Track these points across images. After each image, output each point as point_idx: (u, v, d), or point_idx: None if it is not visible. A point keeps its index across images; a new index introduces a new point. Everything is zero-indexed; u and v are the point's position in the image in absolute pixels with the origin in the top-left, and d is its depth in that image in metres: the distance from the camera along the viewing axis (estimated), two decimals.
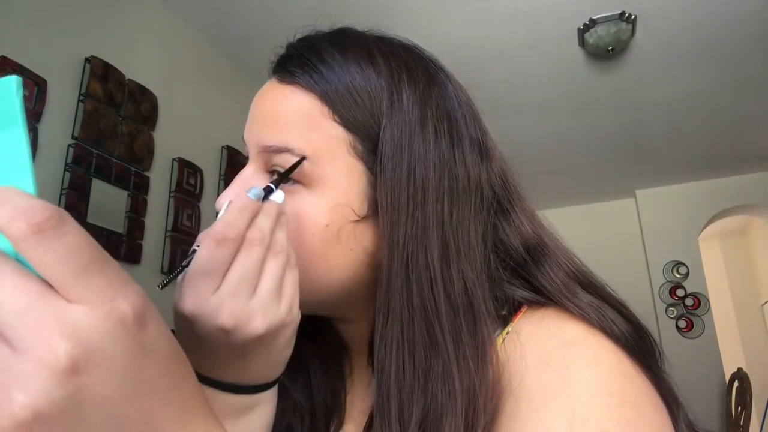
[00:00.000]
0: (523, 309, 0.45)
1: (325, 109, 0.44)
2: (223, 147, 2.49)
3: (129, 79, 1.96)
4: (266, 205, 0.40)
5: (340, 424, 0.52)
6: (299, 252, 0.43)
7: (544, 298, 0.45)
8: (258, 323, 0.37)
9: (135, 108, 1.96)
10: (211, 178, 2.38)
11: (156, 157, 2.05)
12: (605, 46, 2.53)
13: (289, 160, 0.43)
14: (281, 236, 0.40)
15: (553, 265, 0.46)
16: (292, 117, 0.44)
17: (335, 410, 0.52)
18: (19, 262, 0.25)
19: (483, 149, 0.48)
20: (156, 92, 2.08)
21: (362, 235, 0.44)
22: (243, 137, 0.49)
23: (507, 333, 0.43)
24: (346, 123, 0.44)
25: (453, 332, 0.40)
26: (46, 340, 0.23)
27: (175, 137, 2.18)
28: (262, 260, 0.38)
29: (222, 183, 2.46)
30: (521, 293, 0.45)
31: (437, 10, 2.33)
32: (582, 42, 2.58)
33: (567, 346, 0.40)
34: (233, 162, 2.50)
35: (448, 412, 0.38)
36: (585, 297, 0.43)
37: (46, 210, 0.23)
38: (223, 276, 0.37)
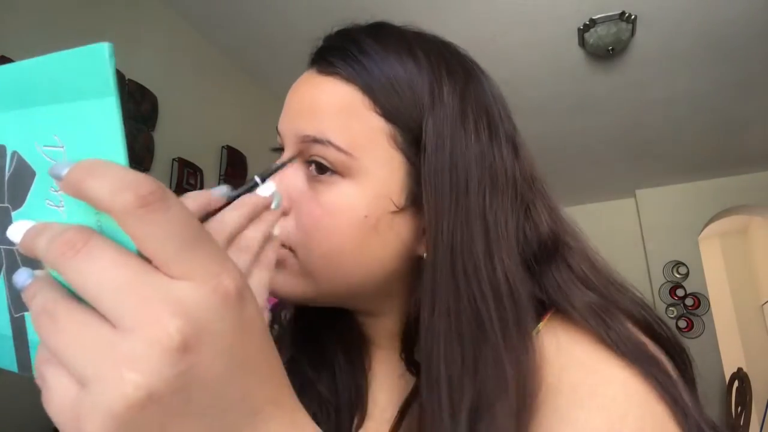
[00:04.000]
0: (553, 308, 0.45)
1: (367, 101, 0.44)
2: (223, 147, 2.49)
3: (129, 79, 1.96)
4: (243, 198, 0.37)
5: (362, 420, 0.52)
6: (336, 243, 0.43)
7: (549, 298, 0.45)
8: None
9: (135, 108, 1.96)
10: (211, 178, 2.38)
11: (156, 157, 2.05)
12: (605, 46, 2.53)
13: (328, 151, 0.43)
14: (253, 233, 0.36)
15: (564, 266, 0.46)
16: (332, 107, 0.44)
17: (359, 406, 0.52)
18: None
19: (515, 145, 0.48)
20: (156, 92, 2.07)
21: (399, 227, 0.44)
22: (277, 128, 0.48)
23: (540, 328, 0.44)
24: (387, 114, 0.44)
25: (500, 322, 0.40)
26: (156, 318, 0.22)
27: (175, 137, 2.18)
28: None
29: (222, 183, 2.46)
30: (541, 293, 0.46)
31: (437, 11, 2.33)
32: (582, 42, 2.58)
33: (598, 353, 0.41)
34: (233, 162, 2.50)
35: (499, 398, 0.38)
36: (587, 298, 0.43)
37: (150, 183, 0.23)
38: None
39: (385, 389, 0.52)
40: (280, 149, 0.48)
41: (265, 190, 0.39)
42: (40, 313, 0.23)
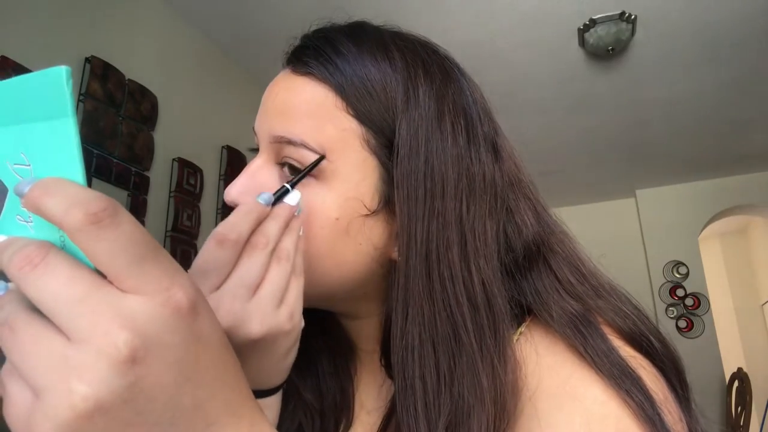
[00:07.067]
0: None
1: (339, 101, 0.43)
2: (223, 147, 2.49)
3: (129, 79, 1.96)
4: (277, 209, 0.39)
5: (349, 425, 0.51)
6: (308, 246, 0.42)
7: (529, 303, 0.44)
8: (255, 326, 0.36)
9: (135, 108, 1.96)
10: (211, 178, 2.38)
11: (156, 157, 2.05)
12: (605, 46, 2.53)
13: (300, 152, 0.42)
14: (288, 243, 0.39)
15: (547, 272, 0.45)
16: (305, 108, 0.43)
17: (344, 410, 0.52)
18: (66, 252, 0.25)
19: (495, 148, 0.47)
20: (156, 92, 2.07)
21: (371, 230, 0.44)
22: (253, 128, 0.48)
23: (521, 332, 0.43)
24: (360, 116, 0.43)
25: (476, 331, 0.40)
26: (105, 331, 0.23)
27: (175, 137, 2.18)
28: (265, 265, 0.37)
29: (222, 183, 2.46)
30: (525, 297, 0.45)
31: (437, 10, 2.33)
32: (582, 42, 2.58)
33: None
34: (233, 162, 2.50)
35: (476, 410, 0.38)
36: (568, 307, 0.43)
37: (101, 200, 0.24)
38: (223, 277, 0.36)
39: (371, 392, 0.52)
40: (257, 149, 0.48)
41: (293, 198, 0.41)
42: (2, 325, 0.24)
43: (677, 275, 4.34)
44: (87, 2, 1.87)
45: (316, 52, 0.45)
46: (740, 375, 3.81)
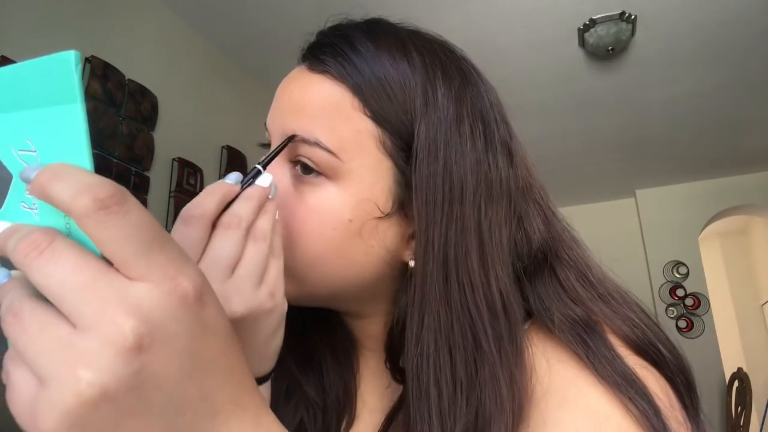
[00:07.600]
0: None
1: (356, 102, 0.42)
2: (223, 147, 2.49)
3: (129, 79, 1.96)
4: (248, 190, 0.39)
5: (351, 422, 0.51)
6: (319, 245, 0.42)
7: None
8: (235, 306, 0.35)
9: (135, 108, 1.96)
10: (211, 178, 2.38)
11: (156, 157, 2.05)
12: (605, 46, 2.53)
13: (314, 151, 0.42)
14: (264, 223, 0.38)
15: (551, 279, 0.45)
16: (320, 107, 0.43)
17: (347, 407, 0.52)
18: (71, 238, 0.25)
19: (509, 152, 0.46)
20: (156, 92, 2.07)
21: (384, 233, 0.43)
22: (265, 123, 0.47)
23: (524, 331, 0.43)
24: (377, 117, 0.42)
25: (495, 338, 0.40)
26: (111, 318, 0.23)
27: (175, 137, 2.18)
28: (240, 245, 0.36)
29: None
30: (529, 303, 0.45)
31: (437, 11, 2.33)
32: (582, 42, 2.58)
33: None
34: (233, 162, 2.50)
35: (496, 418, 0.38)
36: (571, 314, 0.42)
37: (108, 186, 0.23)
38: (195, 256, 0.35)
39: (374, 391, 0.52)
40: (268, 145, 0.47)
41: (265, 180, 0.40)
42: (7, 312, 0.24)
43: (677, 275, 4.34)
44: (87, 2, 1.87)
45: (332, 50, 0.44)
46: (740, 375, 3.81)
